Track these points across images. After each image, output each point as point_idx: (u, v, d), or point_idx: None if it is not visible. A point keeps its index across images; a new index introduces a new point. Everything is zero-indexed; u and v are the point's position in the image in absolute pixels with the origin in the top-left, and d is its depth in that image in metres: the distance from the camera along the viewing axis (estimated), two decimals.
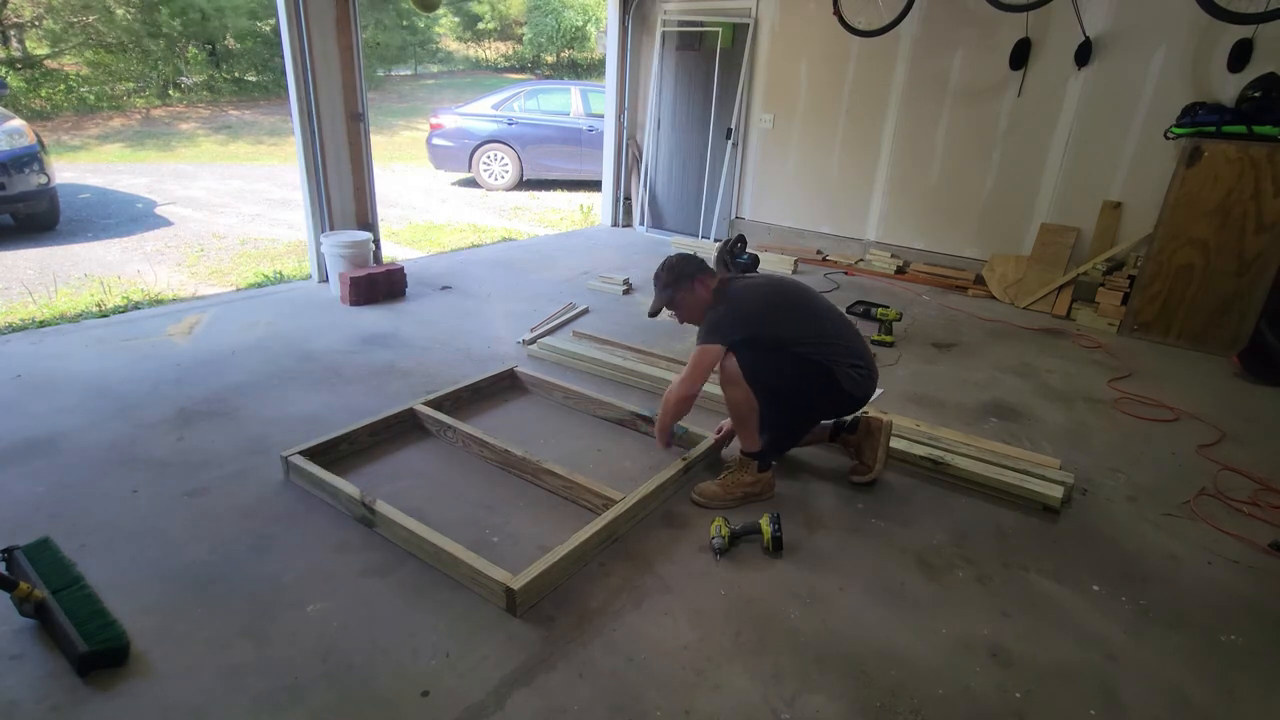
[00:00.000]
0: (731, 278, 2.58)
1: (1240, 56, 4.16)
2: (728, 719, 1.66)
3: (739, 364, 2.39)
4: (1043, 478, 2.63)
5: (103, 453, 2.65)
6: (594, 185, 8.42)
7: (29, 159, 5.85)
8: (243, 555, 2.13)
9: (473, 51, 23.09)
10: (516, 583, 1.91)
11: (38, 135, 6.10)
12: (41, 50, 14.43)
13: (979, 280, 5.39)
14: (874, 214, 5.90)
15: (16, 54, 14.26)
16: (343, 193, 4.77)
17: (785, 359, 2.40)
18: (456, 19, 21.77)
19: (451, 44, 22.94)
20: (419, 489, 2.51)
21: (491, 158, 9.72)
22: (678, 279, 2.50)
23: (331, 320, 4.17)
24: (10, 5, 13.92)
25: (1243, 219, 4.08)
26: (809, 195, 6.21)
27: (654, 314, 2.61)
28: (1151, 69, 4.48)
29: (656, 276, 2.56)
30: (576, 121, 9.80)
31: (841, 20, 5.13)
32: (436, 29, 21.22)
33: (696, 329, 2.51)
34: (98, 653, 1.68)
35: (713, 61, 6.33)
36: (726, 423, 2.77)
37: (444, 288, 4.90)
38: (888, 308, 4.20)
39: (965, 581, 2.18)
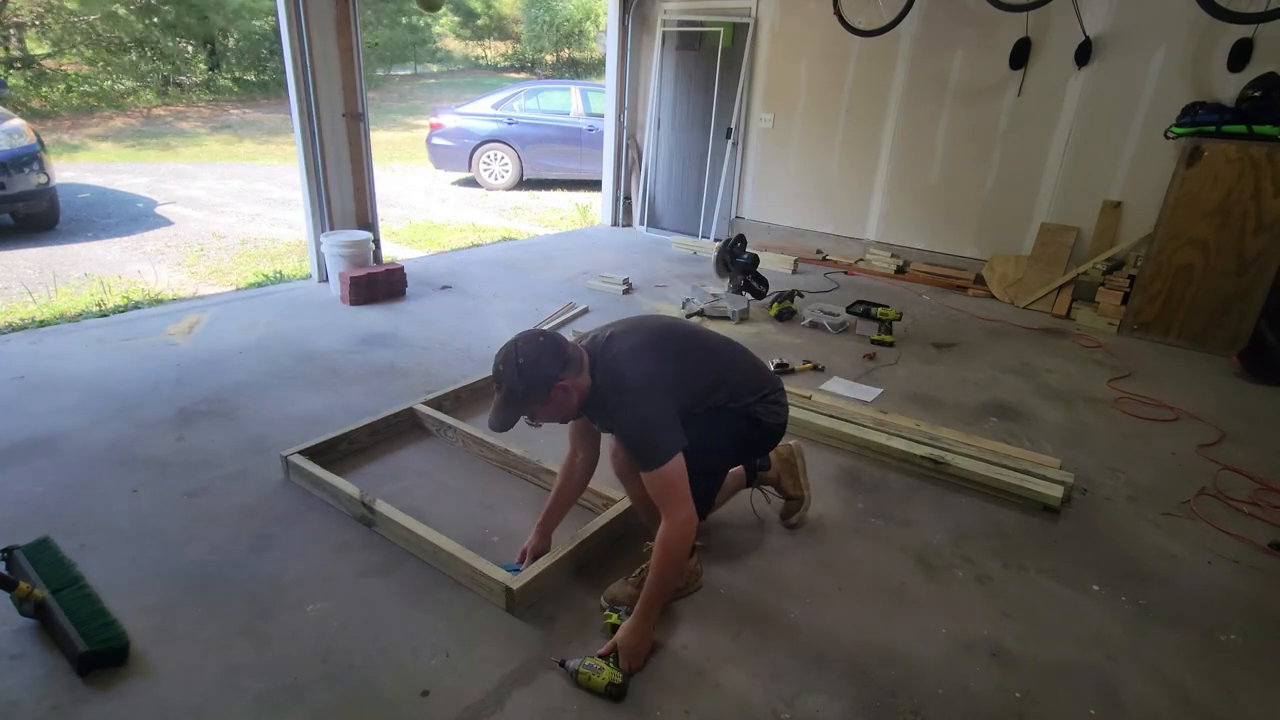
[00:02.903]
0: (598, 352, 1.86)
1: (1240, 56, 4.15)
2: (728, 719, 1.66)
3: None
4: (1043, 477, 2.63)
5: (103, 453, 2.65)
6: (594, 185, 8.41)
7: (29, 158, 5.84)
8: (242, 555, 2.13)
9: (472, 51, 23.10)
10: (516, 583, 1.91)
11: (37, 135, 6.09)
12: (41, 50, 14.43)
13: (979, 280, 5.39)
14: (874, 214, 5.90)
15: (16, 54, 14.26)
16: (343, 192, 4.77)
17: (698, 421, 1.86)
18: (456, 18, 21.77)
19: (451, 43, 22.95)
20: (419, 489, 2.51)
21: (491, 157, 9.72)
22: (531, 388, 1.75)
23: (331, 320, 4.16)
24: (10, 5, 13.91)
25: (1243, 219, 4.07)
26: (809, 195, 6.21)
27: (503, 429, 1.81)
28: (1151, 69, 4.48)
29: (498, 378, 1.78)
30: (576, 121, 9.79)
31: (841, 20, 5.12)
32: (436, 28, 21.22)
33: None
34: (98, 653, 1.68)
35: (713, 61, 6.33)
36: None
37: (444, 287, 4.90)
38: (888, 307, 4.20)
39: (965, 581, 2.18)
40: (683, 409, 1.83)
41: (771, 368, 3.65)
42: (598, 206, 7.80)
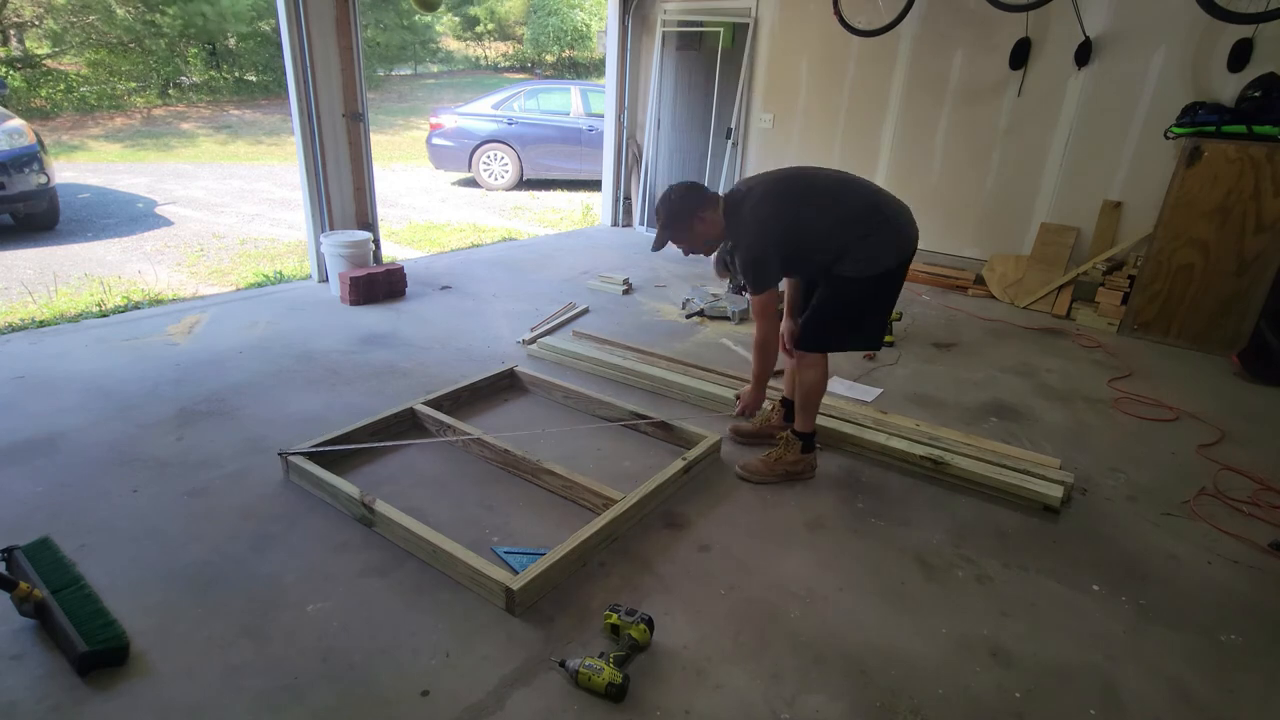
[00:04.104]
0: (734, 200, 2.45)
1: (1240, 56, 4.15)
2: (728, 719, 1.66)
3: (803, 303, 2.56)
4: (1043, 478, 2.63)
5: (103, 452, 2.65)
6: (594, 185, 8.42)
7: (29, 159, 5.84)
8: (242, 555, 2.13)
9: (473, 51, 23.10)
10: (516, 583, 1.91)
11: (37, 135, 6.09)
12: (42, 50, 14.43)
13: (979, 280, 5.39)
14: None
15: (16, 54, 14.26)
16: (343, 193, 4.77)
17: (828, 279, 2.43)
18: (457, 19, 21.77)
19: (451, 44, 22.95)
20: (419, 489, 2.51)
21: (491, 157, 9.72)
22: (674, 218, 2.47)
23: (331, 320, 4.16)
24: (10, 5, 13.91)
25: (1243, 219, 4.07)
26: None
27: (656, 249, 2.60)
28: (1151, 69, 4.48)
29: (656, 212, 2.52)
30: (576, 121, 9.80)
31: (841, 20, 5.13)
32: (437, 29, 21.23)
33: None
34: (98, 653, 1.68)
35: (713, 61, 6.33)
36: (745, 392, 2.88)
37: (444, 287, 4.90)
38: None
39: (965, 581, 2.18)
40: (791, 251, 2.40)
41: None
42: (598, 206, 7.80)
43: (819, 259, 2.41)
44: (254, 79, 16.57)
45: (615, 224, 7.36)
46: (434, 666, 1.76)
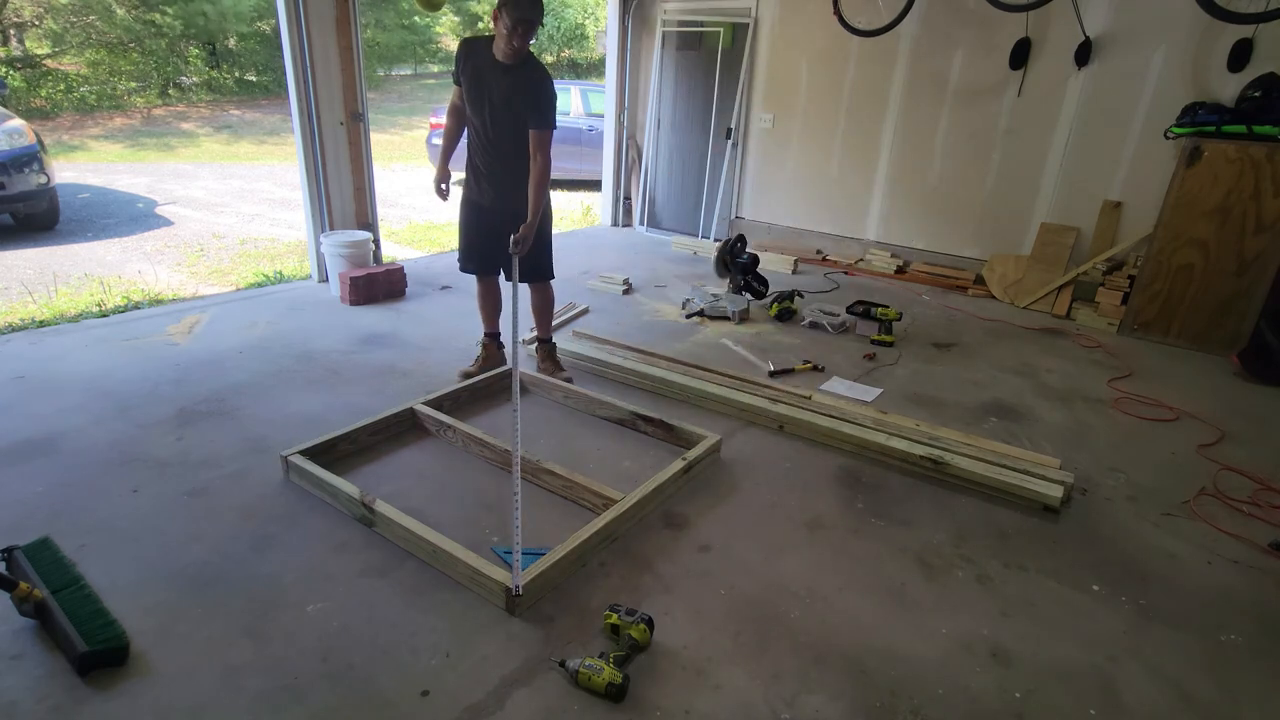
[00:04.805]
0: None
1: (1240, 56, 4.15)
2: (728, 719, 1.66)
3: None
4: (1043, 477, 2.63)
5: (103, 452, 2.65)
6: (594, 185, 8.41)
7: (29, 159, 5.85)
8: (243, 555, 2.13)
9: None
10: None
11: (37, 135, 6.10)
12: (42, 50, 14.44)
13: (979, 280, 5.39)
14: (874, 214, 5.90)
15: (16, 53, 14.26)
16: (343, 193, 4.77)
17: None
18: (457, 19, 21.77)
19: (452, 44, 22.94)
20: (419, 489, 2.51)
21: None
22: (536, 24, 2.86)
23: (331, 320, 4.17)
24: (10, 5, 13.91)
25: (1242, 219, 4.07)
26: (809, 195, 6.21)
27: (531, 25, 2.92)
28: (1151, 69, 4.48)
29: (535, 14, 2.83)
30: (576, 121, 9.79)
31: (841, 20, 5.13)
32: (437, 29, 21.23)
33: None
34: (98, 653, 1.68)
35: (713, 61, 6.33)
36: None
37: (444, 287, 4.90)
38: (888, 307, 4.20)
39: (965, 581, 2.18)
40: None
41: (770, 369, 3.67)
42: (598, 206, 7.80)
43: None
44: (254, 79, 16.58)
45: (615, 224, 7.35)
46: (434, 666, 1.76)
